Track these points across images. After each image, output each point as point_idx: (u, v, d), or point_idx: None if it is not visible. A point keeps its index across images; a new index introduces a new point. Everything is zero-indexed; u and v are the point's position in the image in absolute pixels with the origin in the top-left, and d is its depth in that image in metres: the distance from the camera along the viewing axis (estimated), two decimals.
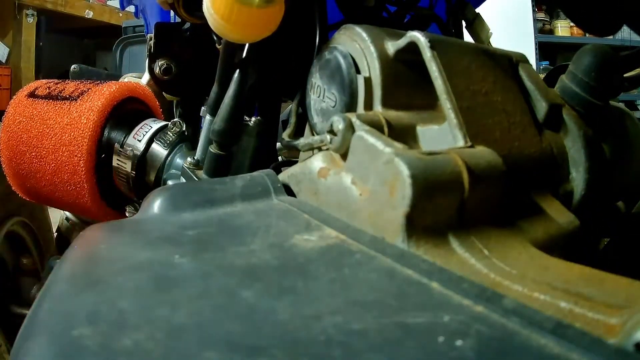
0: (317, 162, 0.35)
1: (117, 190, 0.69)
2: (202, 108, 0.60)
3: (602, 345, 0.18)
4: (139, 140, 0.66)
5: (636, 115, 0.53)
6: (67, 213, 1.07)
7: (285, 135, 0.49)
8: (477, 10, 0.69)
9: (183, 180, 0.60)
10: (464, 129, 0.34)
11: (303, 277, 0.24)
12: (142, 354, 0.19)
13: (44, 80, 0.76)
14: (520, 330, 0.19)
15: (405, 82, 0.39)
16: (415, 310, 0.21)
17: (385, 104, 0.38)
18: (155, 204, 0.36)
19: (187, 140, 0.67)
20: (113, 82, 0.72)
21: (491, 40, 0.69)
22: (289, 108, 1.01)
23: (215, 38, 0.56)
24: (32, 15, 3.34)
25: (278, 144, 0.60)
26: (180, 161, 0.64)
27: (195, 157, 0.58)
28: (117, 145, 0.66)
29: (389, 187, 0.28)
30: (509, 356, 0.18)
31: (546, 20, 3.97)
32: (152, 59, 0.65)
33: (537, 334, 0.19)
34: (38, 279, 1.15)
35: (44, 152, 0.66)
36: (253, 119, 0.54)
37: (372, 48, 0.39)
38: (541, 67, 3.64)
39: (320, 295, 0.22)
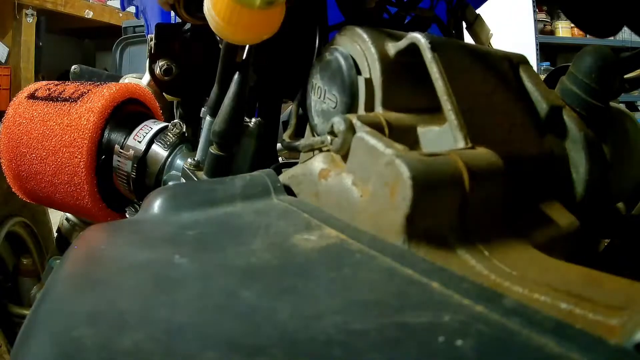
0: (317, 163, 0.35)
1: (117, 191, 0.69)
2: (203, 109, 0.60)
3: (602, 345, 0.18)
4: (139, 142, 0.66)
5: (637, 116, 0.53)
6: (68, 214, 1.07)
7: (285, 136, 0.49)
8: (478, 11, 0.69)
9: (183, 181, 0.60)
10: (465, 130, 0.34)
11: (303, 277, 0.24)
12: (142, 354, 0.19)
13: (44, 82, 0.76)
14: (520, 330, 0.19)
15: (406, 84, 0.39)
16: (416, 310, 0.21)
17: (386, 105, 0.38)
18: (156, 204, 0.36)
19: (188, 141, 0.67)
20: (113, 83, 0.72)
21: (492, 41, 0.69)
22: (290, 109, 1.01)
23: (218, 38, 0.56)
24: (32, 15, 3.34)
25: (278, 145, 0.60)
26: (181, 162, 0.64)
27: (196, 158, 0.58)
28: (117, 147, 0.66)
29: (389, 188, 0.28)
30: (509, 356, 0.18)
31: (547, 21, 3.98)
32: (153, 59, 0.65)
33: (537, 333, 0.19)
34: (38, 279, 1.15)
35: (44, 154, 0.66)
36: (253, 120, 0.54)
37: (372, 49, 0.39)
38: (542, 68, 3.65)
39: (320, 295, 0.22)
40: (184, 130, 0.67)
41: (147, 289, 0.24)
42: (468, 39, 0.70)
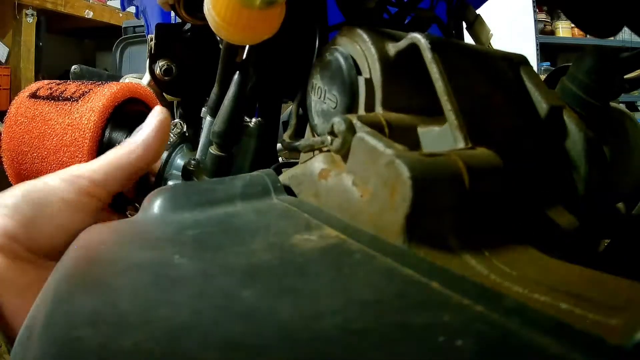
0: (317, 163, 0.35)
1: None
2: (203, 109, 0.60)
3: (602, 345, 0.18)
4: None
5: (637, 116, 0.53)
6: None
7: (285, 136, 0.49)
8: (478, 11, 0.69)
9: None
10: (465, 130, 0.34)
11: (303, 277, 0.24)
12: (143, 355, 0.19)
13: (46, 81, 0.76)
14: (520, 330, 0.19)
15: (406, 84, 0.39)
16: (415, 309, 0.21)
17: (386, 105, 0.38)
18: (155, 204, 0.36)
19: (188, 141, 0.67)
20: (114, 82, 0.72)
21: (492, 41, 0.69)
22: (290, 109, 1.01)
23: (218, 38, 0.56)
24: (32, 15, 3.33)
25: (278, 145, 0.60)
26: (181, 162, 0.64)
27: (196, 158, 0.58)
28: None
29: (389, 188, 0.28)
30: (509, 356, 0.18)
31: (547, 21, 3.98)
32: (153, 59, 0.65)
33: (537, 333, 0.19)
34: None
35: (46, 153, 0.66)
36: (253, 120, 0.54)
37: (372, 49, 0.39)
38: (542, 68, 3.65)
39: (320, 295, 0.22)
40: (184, 130, 0.67)
41: (147, 289, 0.24)
42: (468, 39, 0.70)
